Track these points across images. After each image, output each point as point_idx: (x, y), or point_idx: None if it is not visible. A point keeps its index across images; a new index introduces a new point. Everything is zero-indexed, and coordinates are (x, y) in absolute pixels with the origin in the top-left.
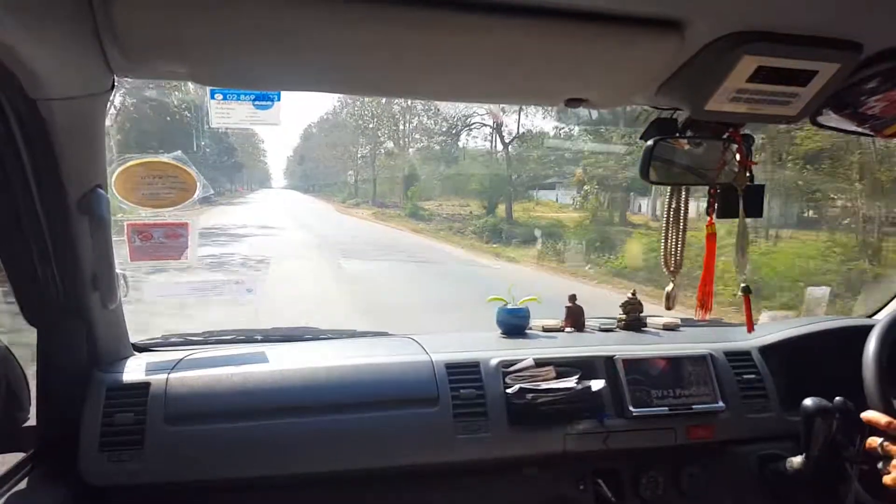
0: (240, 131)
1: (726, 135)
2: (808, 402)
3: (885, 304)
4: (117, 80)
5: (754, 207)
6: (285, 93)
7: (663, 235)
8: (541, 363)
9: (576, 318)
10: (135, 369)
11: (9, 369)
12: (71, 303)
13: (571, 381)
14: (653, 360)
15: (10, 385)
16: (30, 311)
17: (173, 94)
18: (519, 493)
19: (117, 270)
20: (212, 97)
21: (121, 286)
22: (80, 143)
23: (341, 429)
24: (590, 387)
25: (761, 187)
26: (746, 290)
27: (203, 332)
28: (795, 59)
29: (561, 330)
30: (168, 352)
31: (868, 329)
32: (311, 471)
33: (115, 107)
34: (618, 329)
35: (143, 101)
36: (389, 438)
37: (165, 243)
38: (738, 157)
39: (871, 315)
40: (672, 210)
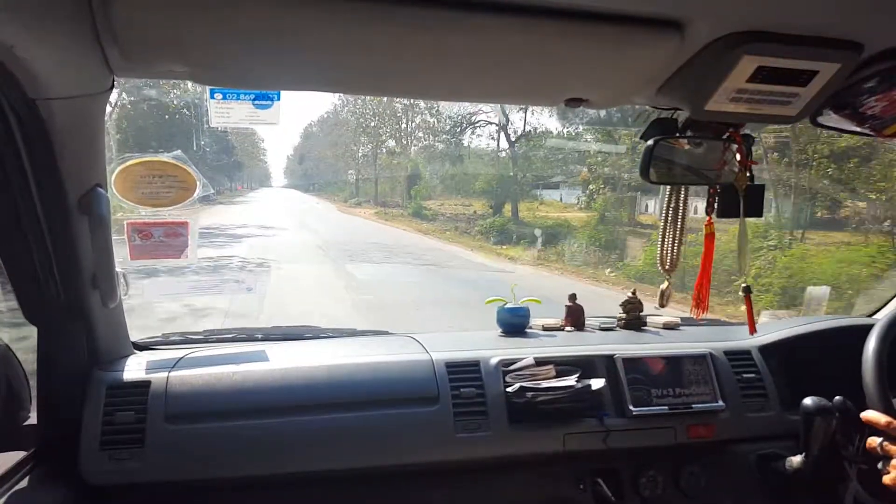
0: (240, 130)
1: (726, 135)
2: (808, 401)
3: (885, 304)
4: (117, 80)
5: (754, 207)
6: (285, 92)
7: (661, 234)
8: (541, 362)
9: (576, 317)
10: (135, 368)
11: (9, 368)
12: (71, 302)
13: (571, 380)
14: (653, 359)
15: (11, 384)
16: (30, 310)
17: (172, 92)
18: (519, 491)
19: (117, 269)
20: (211, 97)
21: (121, 285)
22: (80, 143)
23: (341, 427)
24: (590, 386)
25: (761, 187)
26: (747, 291)
27: (203, 331)
28: (795, 59)
29: (561, 329)
30: (168, 350)
31: (868, 328)
32: (311, 469)
33: (115, 106)
34: (618, 328)
35: (142, 101)
36: (390, 437)
37: (165, 242)
38: (738, 157)
39: (871, 314)
40: (671, 209)
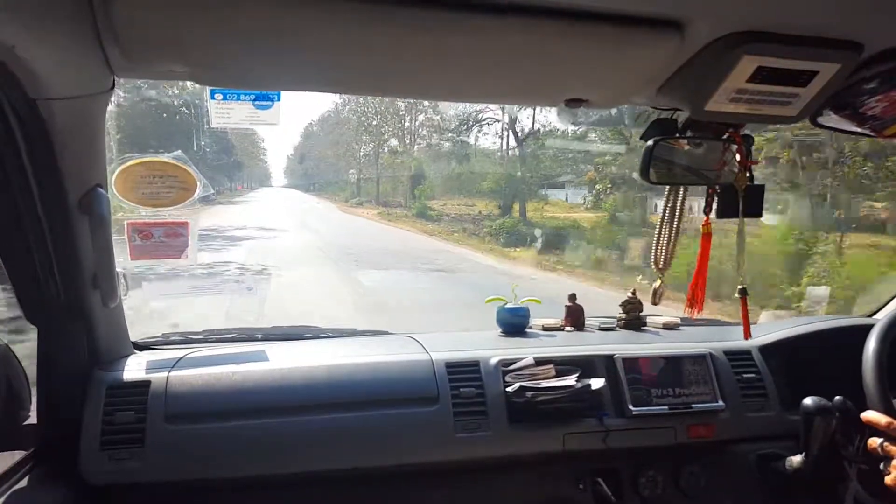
0: (240, 130)
1: (726, 135)
2: (808, 401)
3: (885, 304)
4: (117, 80)
5: (754, 208)
6: (285, 92)
7: (657, 232)
8: (541, 362)
9: (576, 316)
10: (135, 368)
11: (9, 368)
12: (71, 302)
13: (571, 380)
14: (653, 359)
15: (11, 383)
16: (30, 309)
17: (171, 90)
18: (518, 491)
19: (117, 269)
20: (212, 97)
21: (121, 285)
22: (81, 143)
23: (341, 427)
24: (589, 385)
25: (761, 187)
26: (743, 293)
27: (203, 331)
28: (795, 59)
29: (561, 329)
30: (168, 350)
31: (868, 328)
32: (311, 469)
33: (116, 106)
34: (618, 328)
35: (143, 101)
36: (389, 437)
37: (166, 242)
38: (738, 157)
39: (871, 314)
40: (669, 209)
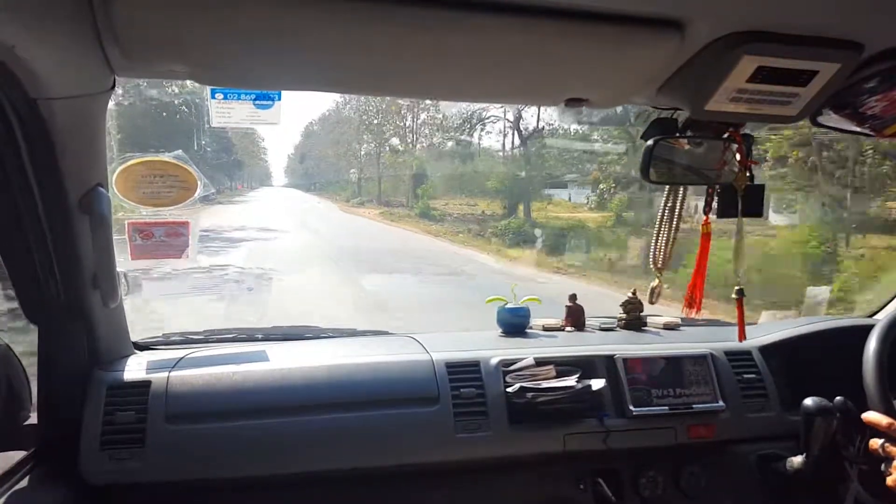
0: (240, 130)
1: (727, 135)
2: (809, 401)
3: (886, 304)
4: (117, 80)
5: (754, 207)
6: (286, 91)
7: (655, 231)
8: (541, 362)
9: (576, 317)
10: (135, 368)
11: (10, 368)
12: (72, 301)
13: (572, 381)
14: (653, 359)
15: (11, 383)
16: (31, 309)
17: (171, 89)
18: (519, 491)
19: (118, 269)
20: (212, 97)
21: (121, 285)
22: (81, 143)
23: (342, 428)
24: (590, 386)
25: (761, 187)
26: (740, 294)
27: (204, 331)
28: (796, 59)
29: (561, 329)
30: (169, 350)
31: (868, 329)
32: (311, 469)
33: (116, 105)
34: (618, 328)
35: (143, 100)
36: (390, 437)
37: (166, 242)
38: (738, 156)
39: (872, 315)
40: (668, 208)
